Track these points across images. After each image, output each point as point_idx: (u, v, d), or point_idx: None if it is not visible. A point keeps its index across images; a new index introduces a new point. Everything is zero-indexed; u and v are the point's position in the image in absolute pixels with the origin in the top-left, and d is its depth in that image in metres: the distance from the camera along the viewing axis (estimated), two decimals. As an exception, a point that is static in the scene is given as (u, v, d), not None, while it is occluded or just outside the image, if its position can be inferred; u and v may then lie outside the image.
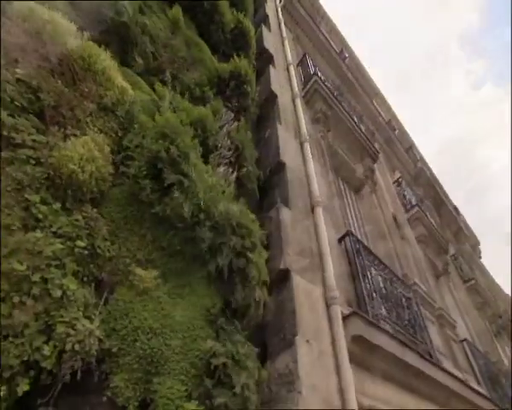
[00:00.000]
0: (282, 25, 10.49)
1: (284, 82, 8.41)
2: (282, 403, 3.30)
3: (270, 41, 8.93)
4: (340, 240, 5.73)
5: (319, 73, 8.73)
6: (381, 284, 5.54)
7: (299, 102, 7.77)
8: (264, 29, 9.16)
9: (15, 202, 2.86)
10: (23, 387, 2.27)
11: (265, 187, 5.73)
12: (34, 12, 3.54)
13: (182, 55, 6.09)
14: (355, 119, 8.84)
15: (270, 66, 8.07)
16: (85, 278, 2.90)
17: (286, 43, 9.93)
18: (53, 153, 3.09)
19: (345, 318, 4.35)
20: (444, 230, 15.21)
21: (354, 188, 8.48)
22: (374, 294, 5.14)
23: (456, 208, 19.12)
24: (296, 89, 8.16)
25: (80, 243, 2.86)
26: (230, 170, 4.38)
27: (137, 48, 5.25)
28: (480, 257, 22.02)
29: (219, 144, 4.43)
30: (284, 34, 10.19)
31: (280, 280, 4.32)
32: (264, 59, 8.33)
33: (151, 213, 3.32)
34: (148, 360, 2.79)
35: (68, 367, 2.48)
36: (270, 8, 10.35)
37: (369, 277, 5.31)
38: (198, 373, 2.96)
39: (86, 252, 2.88)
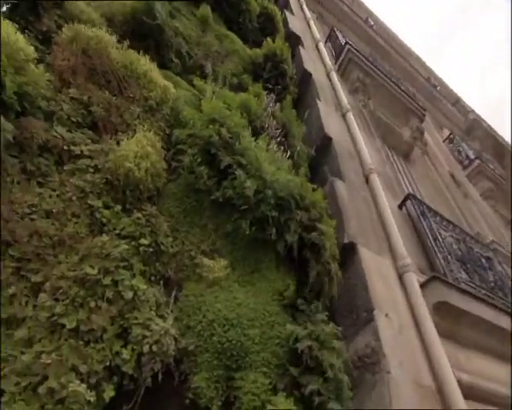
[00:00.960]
0: (304, 6, 10.02)
1: (316, 60, 7.96)
2: (369, 388, 2.89)
3: (295, 24, 8.53)
4: (401, 206, 5.20)
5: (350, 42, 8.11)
6: (455, 246, 4.88)
7: (334, 75, 7.29)
8: (288, 14, 8.77)
9: (80, 210, 2.78)
10: (109, 393, 2.10)
11: (314, 164, 5.32)
12: (79, 32, 3.57)
13: (215, 49, 5.89)
14: (394, 81, 8.08)
15: (300, 46, 7.66)
16: (152, 278, 2.72)
17: (311, 23, 9.46)
18: (109, 157, 3.00)
19: (422, 285, 3.83)
20: (512, 181, 13.04)
21: (402, 153, 7.76)
22: (449, 257, 4.51)
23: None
24: (329, 63, 7.68)
25: (144, 241, 2.67)
26: (282, 148, 4.03)
27: (173, 49, 5.11)
28: None
29: (266, 125, 4.10)
30: (308, 15, 9.72)
31: (345, 255, 3.89)
32: (293, 42, 7.90)
33: (210, 202, 3.07)
34: (228, 354, 2.53)
35: (148, 370, 2.28)
36: (290, -7, 9.84)
37: (440, 239, 4.69)
38: (280, 362, 2.65)
39: (151, 249, 2.69)
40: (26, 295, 2.25)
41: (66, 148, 2.97)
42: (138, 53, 4.02)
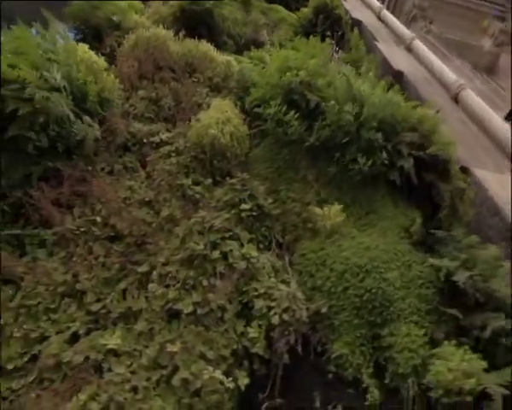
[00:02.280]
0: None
1: (361, 8, 6.99)
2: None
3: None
4: (508, 117, 3.99)
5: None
6: None
7: (386, 12, 6.23)
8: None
9: (171, 193, 2.43)
10: (243, 380, 1.59)
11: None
12: (139, 36, 3.51)
13: (262, 22, 5.29)
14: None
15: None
16: (261, 245, 2.19)
17: (345, -26, 8.27)
18: (191, 132, 2.67)
19: None
20: None
21: (486, 67, 6.21)
22: None
23: None
24: (377, 3, 6.64)
25: (245, 206, 2.16)
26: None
27: (224, 32, 4.68)
28: None
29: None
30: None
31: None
32: None
33: (304, 151, 2.46)
34: (369, 307, 1.88)
35: (283, 345, 1.72)
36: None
37: None
38: (432, 306, 1.93)
39: (253, 213, 2.17)
40: (136, 287, 1.93)
41: (145, 141, 2.77)
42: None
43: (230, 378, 1.51)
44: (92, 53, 2.86)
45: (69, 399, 1.52)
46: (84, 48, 2.82)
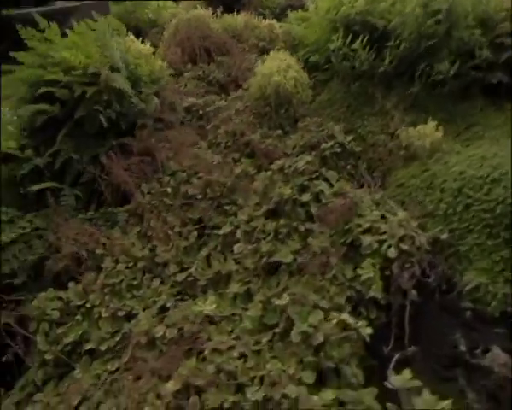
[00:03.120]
0: None
1: None
2: None
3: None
4: None
5: None
6: None
7: None
8: None
9: (239, 154, 2.22)
10: (365, 330, 1.22)
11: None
12: (180, 20, 3.54)
13: None
14: None
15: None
16: (350, 184, 1.83)
17: None
18: (250, 89, 2.55)
19: None
20: None
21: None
22: None
23: None
24: None
25: (326, 145, 1.86)
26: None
27: (259, 5, 4.77)
28: None
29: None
30: None
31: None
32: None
33: (377, 82, 2.11)
34: (505, 222, 1.45)
35: (407, 279, 1.35)
36: None
37: None
38: None
39: (337, 151, 1.85)
40: (219, 251, 1.71)
41: (201, 112, 2.64)
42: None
43: (360, 323, 1.18)
44: (138, 42, 2.90)
45: (168, 377, 1.29)
46: (131, 37, 2.90)
